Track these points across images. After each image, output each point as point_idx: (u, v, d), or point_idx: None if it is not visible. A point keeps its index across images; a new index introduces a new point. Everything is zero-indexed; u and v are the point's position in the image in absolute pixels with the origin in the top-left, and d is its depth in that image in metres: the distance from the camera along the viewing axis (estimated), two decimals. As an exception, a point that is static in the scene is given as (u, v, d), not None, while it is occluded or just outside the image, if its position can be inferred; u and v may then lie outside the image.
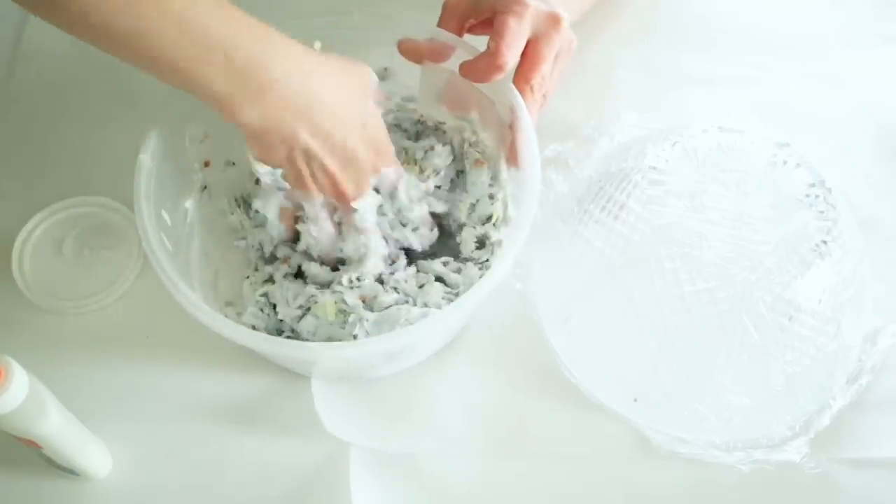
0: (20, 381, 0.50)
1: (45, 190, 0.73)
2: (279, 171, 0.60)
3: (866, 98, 0.79)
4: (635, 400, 0.63)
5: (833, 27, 0.84)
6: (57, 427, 0.55)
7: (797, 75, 0.80)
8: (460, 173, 0.69)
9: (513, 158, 0.63)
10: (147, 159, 0.61)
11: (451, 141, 0.69)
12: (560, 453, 0.63)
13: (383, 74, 0.69)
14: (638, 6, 0.84)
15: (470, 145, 0.68)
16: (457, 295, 0.63)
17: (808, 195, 0.61)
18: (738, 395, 0.61)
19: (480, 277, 0.62)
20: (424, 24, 0.66)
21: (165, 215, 0.62)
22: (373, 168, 0.62)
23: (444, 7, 0.68)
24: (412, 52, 0.66)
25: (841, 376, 0.64)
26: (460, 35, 0.67)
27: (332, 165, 0.60)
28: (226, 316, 0.59)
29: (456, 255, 0.67)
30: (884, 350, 0.65)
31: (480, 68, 0.63)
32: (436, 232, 0.67)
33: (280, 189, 0.62)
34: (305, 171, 0.60)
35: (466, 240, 0.66)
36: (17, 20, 0.84)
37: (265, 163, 0.60)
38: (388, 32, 0.66)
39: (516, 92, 0.64)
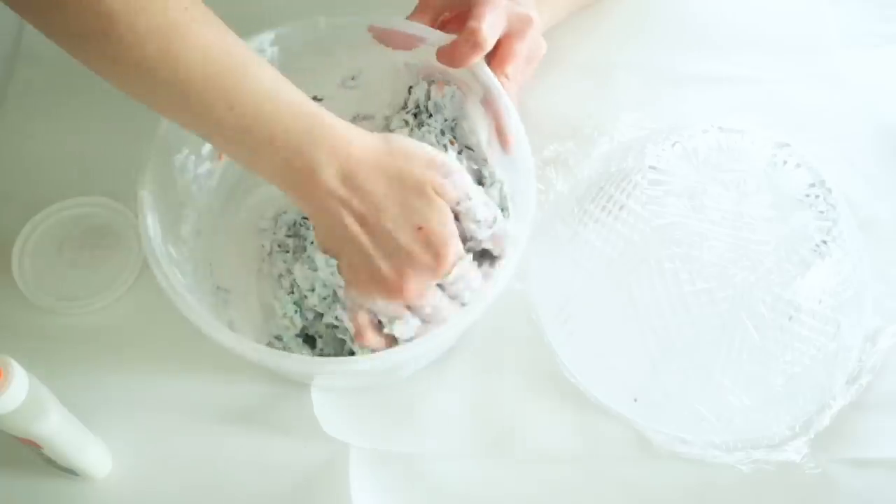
0: (20, 381, 0.50)
1: (45, 190, 0.73)
2: (334, 264, 0.58)
3: (866, 98, 0.79)
4: (635, 400, 0.63)
5: (833, 27, 0.83)
6: (57, 427, 0.55)
7: (797, 75, 0.80)
8: None
9: (503, 142, 0.63)
10: (147, 195, 0.60)
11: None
12: (560, 453, 0.63)
13: (351, 84, 0.69)
14: (638, 6, 0.84)
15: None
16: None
17: (808, 195, 0.61)
18: (738, 395, 0.61)
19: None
20: (389, 20, 0.66)
21: (171, 250, 0.62)
22: (431, 273, 0.56)
23: (420, 1, 0.68)
24: (382, 36, 0.66)
25: (841, 376, 0.64)
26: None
27: (386, 268, 0.56)
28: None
29: None
30: (884, 350, 0.65)
31: (459, 50, 0.63)
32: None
33: (335, 285, 0.59)
34: (360, 271, 0.57)
35: None
36: (18, 20, 0.84)
37: (324, 249, 0.58)
38: (356, 38, 0.66)
39: (492, 75, 0.64)
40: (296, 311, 0.65)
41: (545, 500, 0.62)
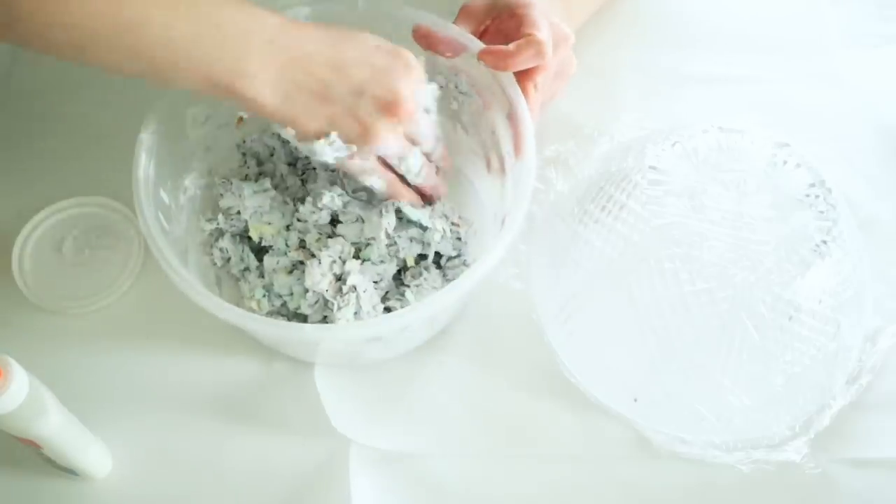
0: (20, 381, 0.50)
1: (45, 190, 0.73)
2: (334, 139, 0.58)
3: (866, 98, 0.79)
4: (635, 400, 0.63)
5: (833, 27, 0.84)
6: (57, 427, 0.55)
7: (797, 75, 0.80)
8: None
9: (517, 148, 0.63)
10: (147, 137, 0.61)
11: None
12: (560, 453, 0.63)
13: None
14: (638, 6, 0.84)
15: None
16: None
17: (808, 195, 0.61)
18: (738, 395, 0.61)
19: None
20: (429, 18, 0.66)
21: (164, 195, 0.63)
22: (408, 74, 0.59)
23: (462, 9, 0.68)
24: (426, 39, 0.66)
25: (841, 376, 0.64)
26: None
27: (378, 88, 0.58)
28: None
29: None
30: (884, 350, 0.65)
31: (521, 55, 0.62)
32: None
33: (349, 156, 0.59)
34: (362, 113, 0.57)
35: None
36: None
37: (311, 136, 0.58)
38: (392, 23, 0.67)
39: (517, 86, 0.64)
40: (264, 295, 0.66)
41: (545, 500, 0.62)
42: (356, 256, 0.65)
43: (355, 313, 0.63)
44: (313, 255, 0.64)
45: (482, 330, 0.67)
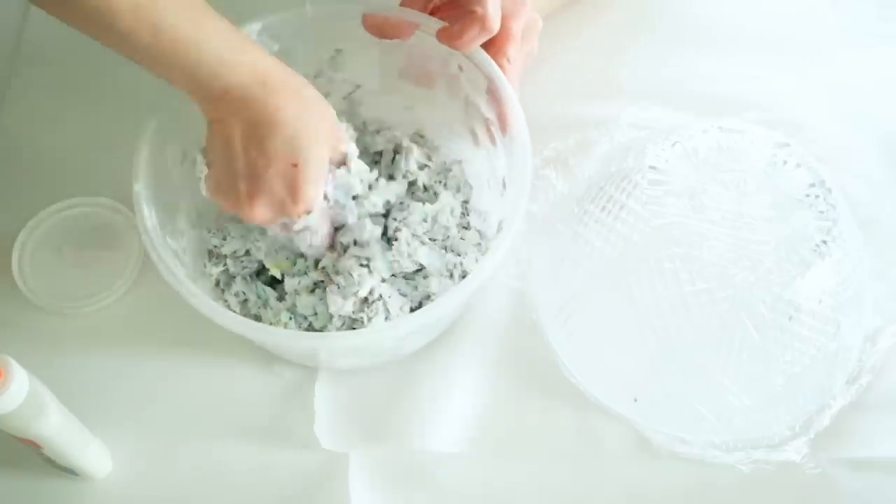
0: (20, 381, 0.50)
1: (45, 190, 0.73)
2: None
3: (866, 98, 0.79)
4: (635, 400, 0.63)
5: (833, 27, 0.84)
6: (57, 427, 0.55)
7: (797, 75, 0.80)
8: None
9: (503, 127, 0.63)
10: (142, 188, 0.60)
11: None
12: (560, 453, 0.63)
13: (335, 56, 0.69)
14: (639, 6, 0.84)
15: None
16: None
17: (808, 195, 0.61)
18: (738, 395, 0.61)
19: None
20: (376, 5, 0.66)
21: (170, 241, 0.62)
22: (282, 209, 0.58)
23: None
24: (377, 27, 0.66)
25: (841, 376, 0.64)
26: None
27: (243, 188, 0.58)
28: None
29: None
30: (884, 350, 0.65)
31: (468, 33, 0.62)
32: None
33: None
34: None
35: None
36: (17, 20, 0.84)
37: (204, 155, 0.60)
38: (342, 25, 0.66)
39: (495, 65, 0.63)
40: (290, 318, 0.65)
41: (545, 500, 0.62)
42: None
43: (385, 318, 0.63)
44: (331, 278, 0.64)
45: (482, 330, 0.67)
